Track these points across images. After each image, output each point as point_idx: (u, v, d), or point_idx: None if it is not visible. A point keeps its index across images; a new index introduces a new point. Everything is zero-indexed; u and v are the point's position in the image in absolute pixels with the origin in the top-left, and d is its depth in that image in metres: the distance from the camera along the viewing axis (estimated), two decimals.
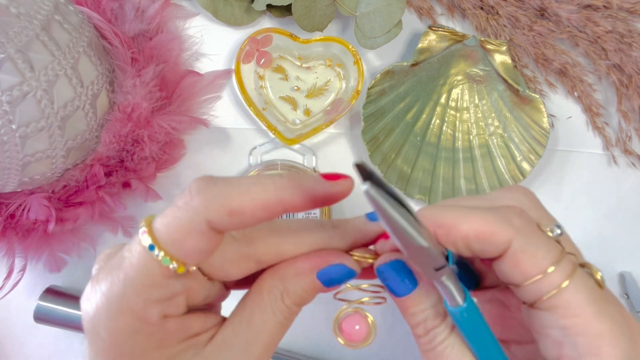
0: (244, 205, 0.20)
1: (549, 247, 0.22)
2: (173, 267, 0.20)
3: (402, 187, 0.45)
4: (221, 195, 0.20)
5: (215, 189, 0.21)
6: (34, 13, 0.35)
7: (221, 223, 0.20)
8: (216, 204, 0.20)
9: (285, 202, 0.21)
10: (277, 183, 0.21)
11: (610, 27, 0.43)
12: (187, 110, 0.44)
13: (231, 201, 0.20)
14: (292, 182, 0.21)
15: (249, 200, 0.20)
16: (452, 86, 0.45)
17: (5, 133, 0.34)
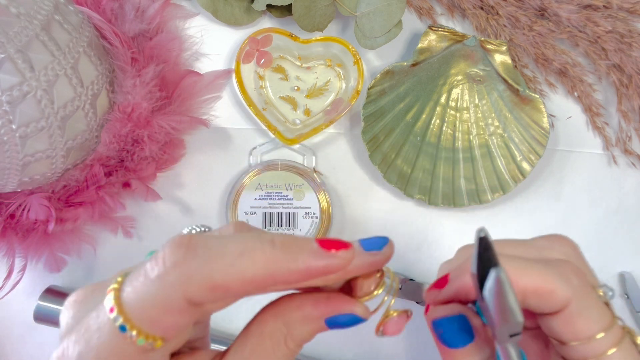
0: (229, 281, 0.18)
1: (602, 311, 0.22)
2: (150, 344, 0.18)
3: (402, 187, 0.45)
4: (202, 269, 0.18)
5: (195, 262, 0.18)
6: (34, 13, 0.35)
7: (203, 299, 0.18)
8: (196, 280, 0.18)
9: (276, 279, 0.18)
10: (269, 256, 0.18)
11: (610, 27, 0.43)
12: (187, 110, 0.44)
13: (214, 276, 0.18)
14: (287, 256, 0.18)
15: (235, 275, 0.18)
16: (452, 86, 0.45)
17: (5, 133, 0.34)
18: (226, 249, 0.18)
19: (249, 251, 0.18)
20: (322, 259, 0.19)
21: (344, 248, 0.20)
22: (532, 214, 0.47)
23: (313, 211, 0.45)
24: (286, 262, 0.18)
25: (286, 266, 0.18)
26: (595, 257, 0.48)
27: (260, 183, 0.45)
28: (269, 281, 0.18)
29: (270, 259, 0.18)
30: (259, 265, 0.18)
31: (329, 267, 0.19)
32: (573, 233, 0.48)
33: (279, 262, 0.18)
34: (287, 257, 0.18)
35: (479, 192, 0.45)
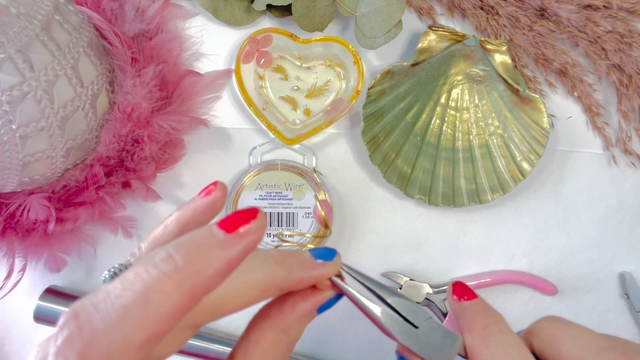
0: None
1: None
2: None
3: (402, 187, 0.45)
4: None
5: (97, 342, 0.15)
6: (34, 13, 0.35)
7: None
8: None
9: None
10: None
11: (610, 27, 0.43)
12: (187, 110, 0.44)
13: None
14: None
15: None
16: (452, 86, 0.45)
17: (5, 133, 0.34)
18: (125, 302, 0.15)
19: (151, 288, 0.16)
20: (234, 245, 0.17)
21: (251, 219, 0.17)
22: (532, 214, 0.47)
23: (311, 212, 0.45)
24: (199, 273, 0.16)
25: (201, 278, 0.16)
26: (595, 257, 0.48)
27: (260, 183, 0.45)
28: (195, 300, 0.16)
29: (180, 281, 0.16)
30: (173, 295, 0.16)
31: (246, 249, 0.17)
32: (573, 233, 0.48)
33: (191, 279, 0.16)
34: (197, 267, 0.16)
35: (479, 192, 0.45)
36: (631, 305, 0.47)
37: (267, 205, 0.45)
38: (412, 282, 0.46)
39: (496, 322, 0.23)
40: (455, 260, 0.47)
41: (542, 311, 0.46)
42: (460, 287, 0.25)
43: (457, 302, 0.24)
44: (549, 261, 0.47)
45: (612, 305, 0.47)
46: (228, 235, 0.17)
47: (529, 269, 0.47)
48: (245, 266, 0.20)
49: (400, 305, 0.23)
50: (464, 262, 0.47)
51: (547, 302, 0.47)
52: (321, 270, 0.22)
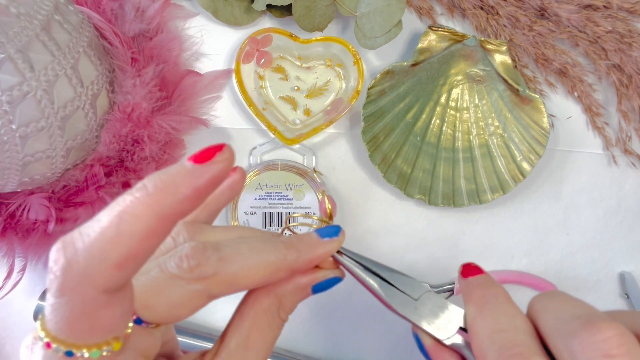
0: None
1: None
2: (83, 355, 0.18)
3: (402, 187, 0.45)
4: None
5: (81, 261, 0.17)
6: (34, 13, 0.35)
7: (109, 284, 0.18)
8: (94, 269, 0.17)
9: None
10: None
11: (610, 27, 0.43)
12: (187, 110, 0.44)
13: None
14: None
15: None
16: (452, 86, 0.45)
17: (5, 133, 0.34)
18: (102, 224, 0.17)
19: (124, 211, 0.17)
20: (202, 173, 0.18)
21: (218, 151, 0.19)
22: (532, 214, 0.47)
23: (313, 211, 0.45)
24: (168, 197, 0.17)
25: (170, 201, 0.17)
26: (595, 257, 0.48)
27: (260, 183, 0.45)
28: (166, 222, 0.18)
29: (150, 204, 0.17)
30: (144, 216, 0.17)
31: (214, 177, 0.18)
32: (573, 233, 0.48)
33: (160, 202, 0.17)
34: (167, 192, 0.18)
35: (479, 192, 0.45)
36: (631, 305, 0.47)
37: (267, 205, 0.45)
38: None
39: (495, 293, 0.24)
40: (455, 260, 0.47)
41: None
42: (468, 267, 0.26)
43: (463, 280, 0.26)
44: (549, 261, 0.47)
45: (612, 305, 0.47)
46: (196, 165, 0.18)
47: (529, 269, 0.47)
48: (258, 247, 0.23)
49: (398, 280, 0.25)
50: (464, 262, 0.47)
51: None
52: (328, 247, 0.24)
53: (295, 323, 0.47)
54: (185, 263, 0.21)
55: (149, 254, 0.18)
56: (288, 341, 0.47)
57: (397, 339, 0.47)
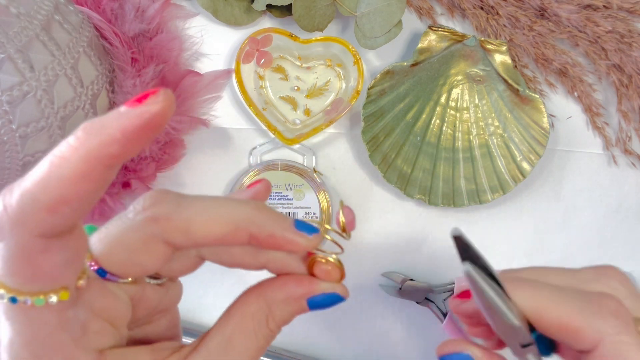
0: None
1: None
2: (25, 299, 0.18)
3: (402, 187, 0.45)
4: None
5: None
6: (34, 13, 0.35)
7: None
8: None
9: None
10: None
11: (610, 27, 0.43)
12: (187, 110, 0.44)
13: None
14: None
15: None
16: (452, 86, 0.45)
17: (5, 133, 0.34)
18: (36, 171, 0.17)
19: (55, 156, 0.17)
20: (134, 114, 0.18)
21: (152, 94, 0.18)
22: (532, 214, 0.47)
23: (313, 211, 0.45)
24: (96, 138, 0.17)
25: (98, 142, 0.17)
26: (596, 257, 0.48)
27: None
28: (95, 164, 0.17)
29: (78, 147, 0.17)
30: (72, 160, 0.17)
31: (146, 118, 0.17)
32: (573, 233, 0.48)
33: (88, 145, 0.17)
34: (96, 135, 0.17)
35: (479, 192, 0.45)
36: None
37: None
38: (412, 282, 0.46)
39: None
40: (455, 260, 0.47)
41: None
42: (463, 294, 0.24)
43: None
44: (549, 261, 0.47)
45: None
46: (127, 108, 0.17)
47: None
48: (223, 200, 0.21)
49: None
50: None
51: None
52: (293, 238, 0.21)
53: (294, 322, 0.47)
54: (141, 203, 0.20)
55: (85, 199, 0.17)
56: (288, 341, 0.47)
57: (397, 339, 0.47)
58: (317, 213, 0.45)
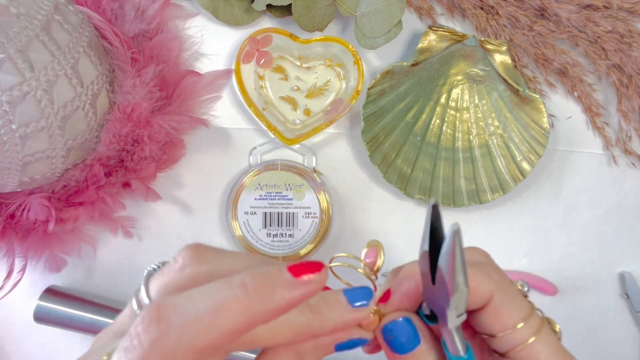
0: (213, 340, 0.18)
1: (521, 303, 0.24)
2: None
3: (402, 187, 0.45)
4: (182, 339, 0.18)
5: (172, 335, 0.18)
6: (34, 13, 0.35)
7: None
8: (180, 351, 0.18)
9: (258, 322, 0.19)
10: (245, 303, 0.18)
11: (610, 27, 0.43)
12: (187, 110, 0.44)
13: (196, 342, 0.18)
14: (262, 297, 0.18)
15: (216, 332, 0.18)
16: (452, 86, 0.45)
17: (5, 133, 0.34)
18: (199, 309, 0.18)
19: (223, 305, 0.18)
20: (297, 289, 0.19)
21: (316, 271, 0.19)
22: (532, 214, 0.47)
23: (313, 211, 0.45)
24: (263, 304, 0.18)
25: (264, 308, 0.18)
26: (595, 257, 0.48)
27: (260, 183, 0.45)
28: (252, 326, 0.18)
29: (247, 305, 0.18)
30: (237, 315, 0.18)
31: (306, 295, 0.19)
32: (573, 233, 0.48)
33: (255, 306, 0.18)
34: (263, 298, 0.18)
35: (479, 192, 0.45)
36: (631, 305, 0.47)
37: (267, 205, 0.45)
38: None
39: None
40: None
41: (542, 311, 0.46)
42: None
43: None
44: (549, 261, 0.47)
45: (612, 305, 0.47)
46: (294, 278, 0.19)
47: (529, 269, 0.47)
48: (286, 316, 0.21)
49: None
50: None
51: (547, 302, 0.47)
52: (357, 315, 0.22)
53: None
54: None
55: (225, 351, 0.19)
56: None
57: None
58: (317, 213, 0.45)
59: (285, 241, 0.45)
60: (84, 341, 0.46)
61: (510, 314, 0.23)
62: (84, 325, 0.43)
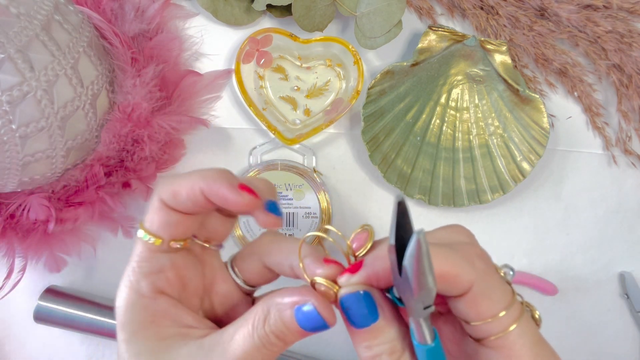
0: (180, 188, 0.24)
1: (503, 291, 0.24)
2: (151, 240, 0.25)
3: (402, 187, 0.45)
4: (169, 181, 0.25)
5: (168, 178, 0.25)
6: (34, 13, 0.35)
7: (169, 201, 0.25)
8: (164, 187, 0.25)
9: (205, 192, 0.24)
10: (205, 175, 0.25)
11: (610, 27, 0.43)
12: (187, 110, 0.44)
13: (173, 185, 0.25)
14: (213, 179, 0.24)
15: (183, 184, 0.24)
16: (452, 86, 0.45)
17: (5, 133, 0.34)
18: (186, 174, 0.25)
19: (193, 173, 0.25)
20: (235, 194, 0.24)
21: (253, 195, 0.25)
22: (532, 214, 0.47)
23: (313, 211, 0.45)
24: (215, 186, 0.24)
25: (215, 187, 0.24)
26: (595, 257, 0.48)
27: None
28: (199, 194, 0.24)
29: (206, 176, 0.24)
30: (196, 180, 0.24)
31: (237, 201, 0.24)
32: (573, 233, 0.48)
33: (210, 180, 0.24)
34: (216, 183, 0.24)
35: (479, 192, 0.45)
36: (631, 305, 0.47)
37: None
38: None
39: None
40: None
41: (542, 311, 0.46)
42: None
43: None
44: (549, 261, 0.47)
45: (612, 305, 0.47)
46: (237, 187, 0.25)
47: (529, 269, 0.47)
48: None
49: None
50: None
51: (547, 302, 0.47)
52: (243, 199, 0.25)
53: None
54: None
55: (186, 204, 0.25)
56: None
57: None
58: (317, 213, 0.45)
59: None
60: (84, 341, 0.46)
61: (489, 305, 0.23)
62: (83, 325, 0.43)
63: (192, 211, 0.25)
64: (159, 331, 0.25)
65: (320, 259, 0.24)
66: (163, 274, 0.26)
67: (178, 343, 0.24)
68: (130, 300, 0.25)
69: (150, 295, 0.25)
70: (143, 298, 0.25)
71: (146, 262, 0.25)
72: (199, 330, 0.25)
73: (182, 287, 0.26)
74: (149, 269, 0.25)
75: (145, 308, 0.25)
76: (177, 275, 0.26)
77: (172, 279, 0.26)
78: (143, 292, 0.25)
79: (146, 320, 0.25)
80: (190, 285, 0.27)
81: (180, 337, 0.25)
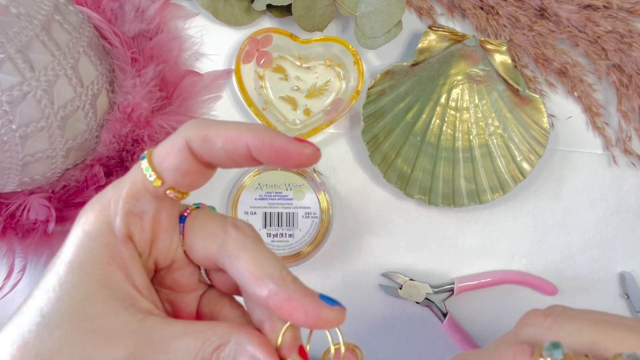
0: (217, 136, 0.22)
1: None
2: (151, 178, 0.22)
3: (402, 187, 0.45)
4: (201, 124, 0.22)
5: (200, 121, 0.23)
6: (34, 13, 0.35)
7: (196, 145, 0.22)
8: (195, 129, 0.22)
9: (251, 144, 0.22)
10: (251, 128, 0.22)
11: (610, 27, 0.43)
12: (187, 110, 0.44)
13: (207, 130, 0.22)
14: (265, 132, 0.23)
15: (221, 131, 0.22)
16: (452, 86, 0.45)
17: (5, 133, 0.34)
18: (224, 121, 0.23)
19: (237, 123, 0.23)
20: (293, 144, 0.23)
21: (313, 147, 0.24)
22: (532, 214, 0.47)
23: (313, 211, 0.45)
24: (263, 135, 0.22)
25: (261, 138, 0.22)
26: (595, 257, 0.48)
27: (260, 183, 0.45)
28: (243, 145, 0.22)
29: (251, 130, 0.22)
30: (240, 131, 0.22)
31: (297, 152, 0.23)
32: (573, 233, 0.48)
33: (256, 134, 0.22)
34: (265, 133, 0.23)
35: (479, 192, 0.45)
36: (631, 305, 0.47)
37: (267, 205, 0.45)
38: (412, 282, 0.46)
39: None
40: (455, 260, 0.47)
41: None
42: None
43: None
44: (549, 261, 0.47)
45: (612, 305, 0.47)
46: (294, 139, 0.24)
47: (529, 269, 0.47)
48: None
49: None
50: (464, 262, 0.47)
51: (547, 302, 0.47)
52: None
53: None
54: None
55: (218, 154, 0.23)
56: None
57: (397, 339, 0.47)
58: (317, 213, 0.45)
59: (285, 241, 0.45)
60: None
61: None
62: None
63: (217, 163, 0.23)
64: (107, 280, 0.21)
65: (297, 344, 0.24)
66: (140, 220, 0.23)
67: (120, 305, 0.21)
68: (96, 228, 0.22)
69: (119, 236, 0.22)
70: (110, 234, 0.22)
71: (132, 199, 0.22)
72: (145, 301, 0.22)
73: (151, 243, 0.23)
74: (132, 207, 0.22)
75: (106, 246, 0.22)
76: (152, 228, 0.23)
77: (147, 229, 0.23)
78: (113, 228, 0.22)
79: (101, 261, 0.21)
80: (157, 244, 0.24)
81: (124, 300, 0.22)
